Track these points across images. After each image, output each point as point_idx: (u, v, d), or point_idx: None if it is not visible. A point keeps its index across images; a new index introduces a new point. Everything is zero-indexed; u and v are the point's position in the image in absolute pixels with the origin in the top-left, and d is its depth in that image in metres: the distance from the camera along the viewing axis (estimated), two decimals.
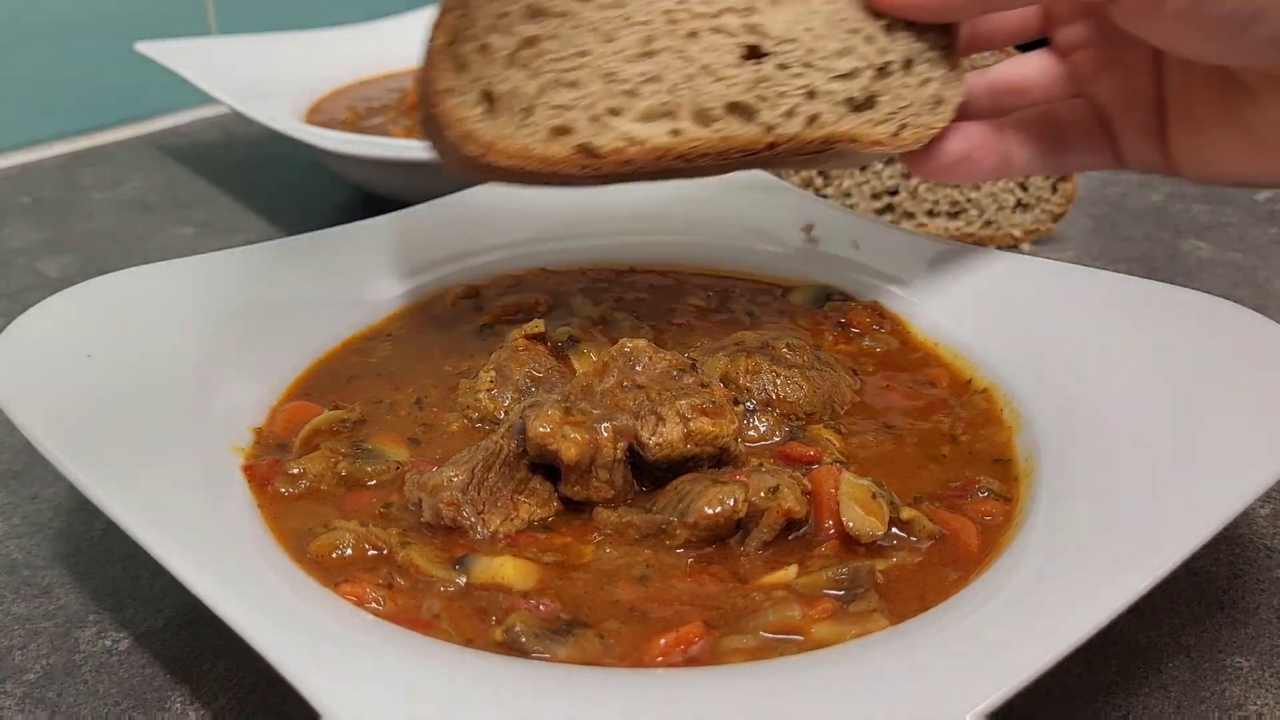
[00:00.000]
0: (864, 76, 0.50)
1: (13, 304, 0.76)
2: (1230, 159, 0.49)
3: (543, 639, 0.37)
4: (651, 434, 0.45)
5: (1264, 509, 0.52)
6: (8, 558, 0.50)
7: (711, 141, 0.47)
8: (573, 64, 0.46)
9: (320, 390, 0.55)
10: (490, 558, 0.42)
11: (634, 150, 0.46)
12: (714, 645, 0.38)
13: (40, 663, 0.43)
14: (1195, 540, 0.37)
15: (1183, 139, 0.50)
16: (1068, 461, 0.46)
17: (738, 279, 0.67)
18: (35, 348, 0.48)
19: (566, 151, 0.46)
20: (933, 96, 0.51)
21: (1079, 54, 0.53)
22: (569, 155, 0.46)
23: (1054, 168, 0.55)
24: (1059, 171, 0.57)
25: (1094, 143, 0.54)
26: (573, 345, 0.56)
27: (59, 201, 0.97)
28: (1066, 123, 0.54)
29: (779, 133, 0.48)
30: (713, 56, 0.47)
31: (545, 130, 0.46)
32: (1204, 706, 0.41)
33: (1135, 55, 0.51)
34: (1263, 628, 0.45)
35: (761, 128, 0.48)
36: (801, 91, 0.48)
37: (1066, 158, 0.54)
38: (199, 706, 0.41)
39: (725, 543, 0.43)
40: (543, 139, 0.46)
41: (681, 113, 0.47)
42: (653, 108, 0.47)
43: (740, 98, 0.48)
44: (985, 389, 0.54)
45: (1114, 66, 0.52)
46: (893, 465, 0.49)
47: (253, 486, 0.47)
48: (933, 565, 0.42)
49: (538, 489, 0.45)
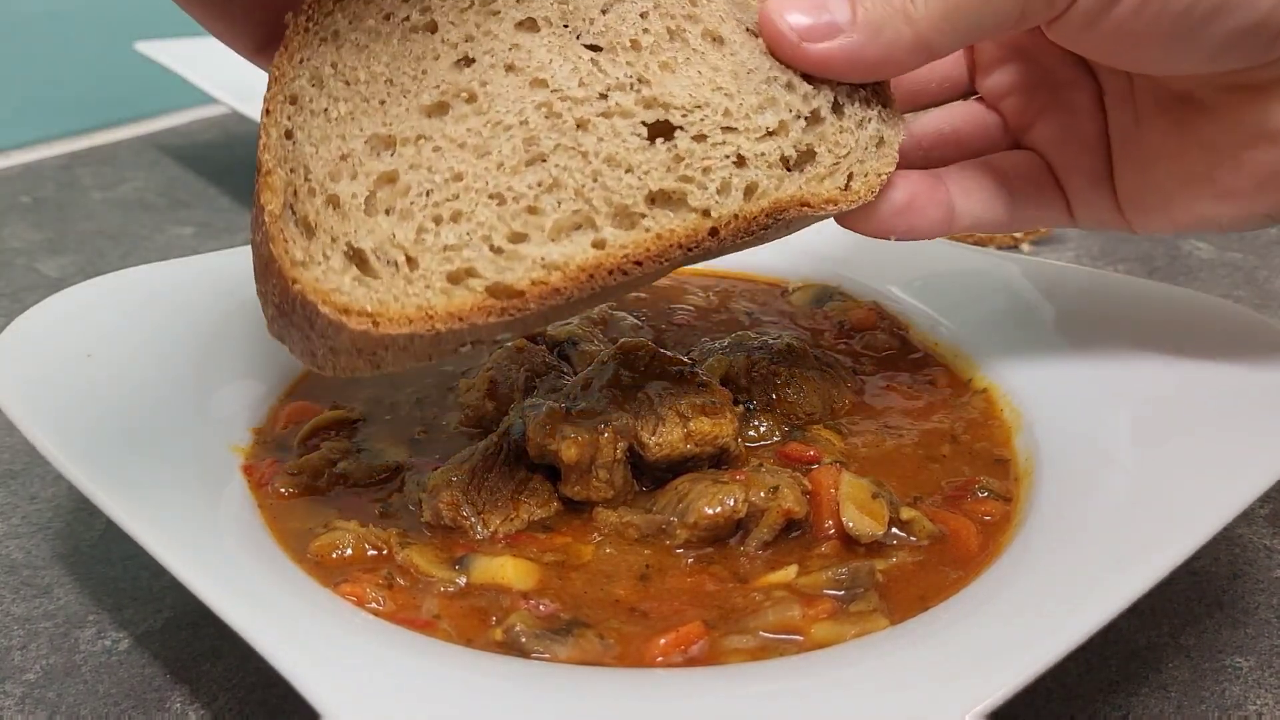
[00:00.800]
0: (794, 129, 0.42)
1: (12, 304, 0.76)
2: (1185, 197, 0.44)
3: (543, 639, 0.37)
4: (651, 434, 0.45)
5: (1263, 509, 0.52)
6: (7, 558, 0.50)
7: (645, 243, 0.39)
8: (448, 193, 0.38)
9: (320, 390, 0.55)
10: (490, 558, 0.42)
11: (558, 278, 0.38)
12: (714, 645, 0.38)
13: (40, 663, 0.43)
14: (1195, 540, 0.37)
15: (1133, 179, 0.46)
16: (1067, 461, 0.46)
17: (738, 279, 0.67)
18: (35, 348, 0.48)
19: (477, 299, 0.37)
20: (873, 137, 0.44)
21: (1010, 100, 0.49)
22: (481, 303, 0.37)
23: (1005, 221, 0.48)
24: (1012, 227, 0.49)
25: (1043, 194, 0.48)
26: (572, 345, 0.56)
27: (59, 201, 0.97)
28: (1011, 174, 0.48)
29: (718, 215, 0.40)
30: (614, 145, 0.40)
31: (441, 278, 0.37)
32: (1204, 706, 0.41)
33: (1073, 95, 0.47)
34: (1262, 628, 0.45)
35: (697, 214, 0.40)
36: (728, 161, 0.41)
37: (1016, 211, 0.48)
38: (199, 706, 0.41)
39: (725, 543, 0.43)
40: (441, 289, 0.37)
41: (599, 218, 0.39)
42: (562, 220, 0.39)
43: (661, 184, 0.40)
44: (985, 389, 0.54)
45: (1051, 110, 0.48)
46: (893, 465, 0.49)
47: (252, 487, 0.47)
48: (933, 565, 0.42)
49: (538, 489, 0.45)
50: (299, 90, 0.38)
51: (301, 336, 0.38)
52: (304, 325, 0.37)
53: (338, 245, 0.37)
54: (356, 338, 0.36)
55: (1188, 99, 0.41)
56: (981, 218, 0.47)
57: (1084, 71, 0.45)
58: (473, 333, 0.38)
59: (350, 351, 0.37)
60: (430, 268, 0.37)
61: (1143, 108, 0.43)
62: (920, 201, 0.45)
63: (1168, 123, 0.42)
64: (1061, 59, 0.46)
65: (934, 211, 0.46)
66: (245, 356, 0.54)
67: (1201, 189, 0.43)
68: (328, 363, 0.38)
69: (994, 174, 0.48)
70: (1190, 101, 0.41)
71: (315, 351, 0.38)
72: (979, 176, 0.47)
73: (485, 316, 0.37)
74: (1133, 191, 0.45)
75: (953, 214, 0.46)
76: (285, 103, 0.38)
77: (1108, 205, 0.47)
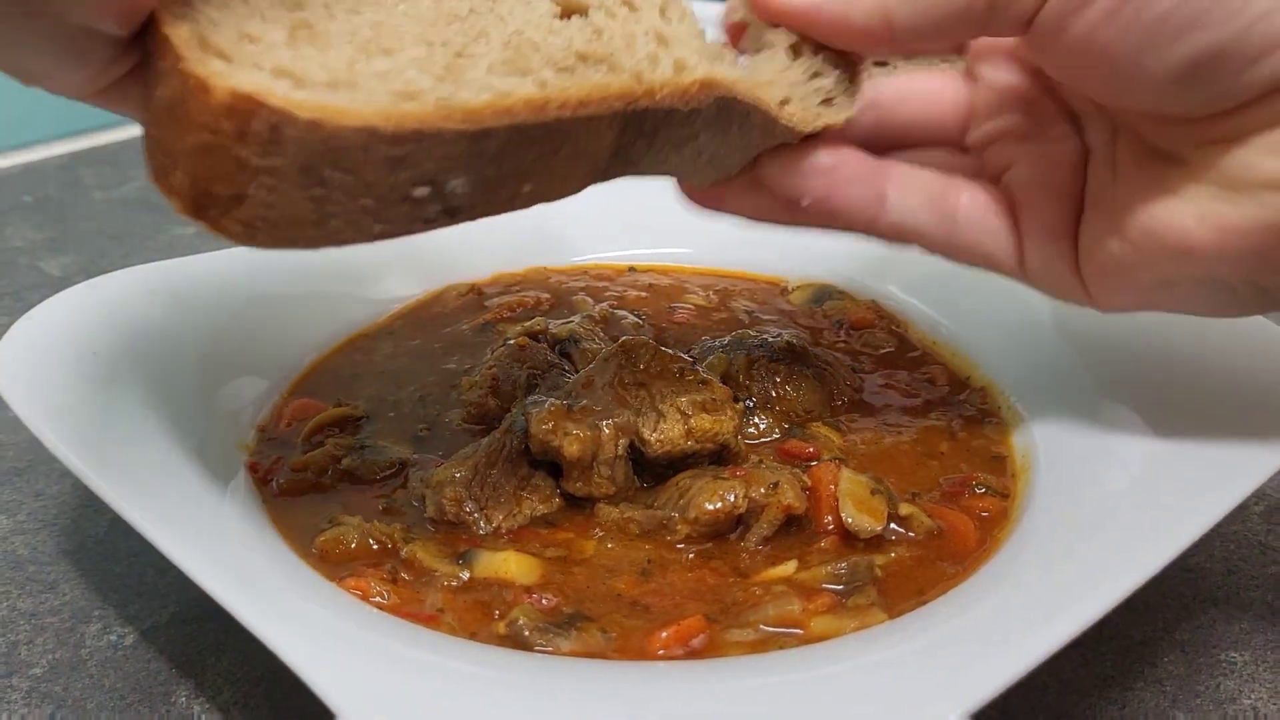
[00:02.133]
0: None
1: (16, 302, 0.76)
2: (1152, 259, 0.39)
3: (545, 632, 0.38)
4: (652, 431, 0.45)
5: (1258, 506, 0.52)
6: (13, 554, 0.50)
7: (586, 91, 0.35)
8: (372, 34, 0.34)
9: (324, 388, 0.55)
10: (493, 552, 0.42)
11: (509, 101, 0.33)
12: (714, 639, 0.38)
13: (46, 658, 0.44)
14: (1190, 536, 0.37)
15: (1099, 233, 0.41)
16: (1064, 458, 0.46)
17: (738, 278, 0.68)
18: (40, 345, 0.48)
19: (428, 109, 0.32)
20: (821, 91, 0.42)
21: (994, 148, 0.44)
22: (434, 112, 0.32)
23: (937, 236, 0.43)
24: (944, 247, 0.44)
25: (990, 225, 0.43)
26: (574, 343, 0.57)
27: (61, 201, 0.97)
28: (961, 189, 0.43)
29: (650, 80, 0.37)
30: (529, 15, 0.37)
31: (385, 94, 0.32)
32: (1199, 701, 0.41)
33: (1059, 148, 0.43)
34: (1257, 623, 0.45)
35: (630, 75, 0.37)
36: (649, 37, 0.38)
37: (955, 232, 0.43)
38: (204, 701, 0.41)
39: (726, 538, 0.44)
40: (389, 101, 0.32)
41: (534, 63, 0.35)
42: (497, 63, 0.35)
43: (586, 47, 0.37)
44: (983, 387, 0.55)
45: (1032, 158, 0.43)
46: (891, 462, 0.49)
47: (257, 483, 0.47)
48: (930, 560, 0.42)
49: (540, 485, 0.46)
50: None
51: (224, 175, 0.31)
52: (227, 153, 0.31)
53: (263, 68, 0.32)
54: (303, 139, 0.30)
55: (1169, 156, 0.38)
56: (911, 222, 0.43)
57: (1074, 130, 0.42)
58: (431, 153, 0.32)
59: (291, 177, 0.31)
60: (371, 85, 0.32)
61: (1122, 164, 0.40)
62: (849, 171, 0.42)
63: (1144, 176, 0.39)
64: (1056, 114, 0.43)
65: (859, 189, 0.42)
66: (249, 354, 0.55)
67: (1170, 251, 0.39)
68: (261, 214, 0.32)
69: (941, 184, 0.43)
70: (1170, 158, 0.38)
71: (247, 196, 0.31)
72: (925, 178, 0.43)
73: (444, 122, 0.32)
74: (1096, 250, 0.41)
75: (882, 204, 0.42)
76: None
77: (1063, 259, 0.42)
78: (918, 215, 0.43)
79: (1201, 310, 0.42)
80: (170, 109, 0.32)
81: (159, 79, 0.32)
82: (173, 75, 0.31)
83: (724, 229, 0.70)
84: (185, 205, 0.32)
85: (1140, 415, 0.47)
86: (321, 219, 0.32)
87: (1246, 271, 0.38)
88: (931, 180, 0.43)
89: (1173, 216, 0.38)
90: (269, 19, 0.33)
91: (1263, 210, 0.36)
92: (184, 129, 0.31)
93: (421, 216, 0.34)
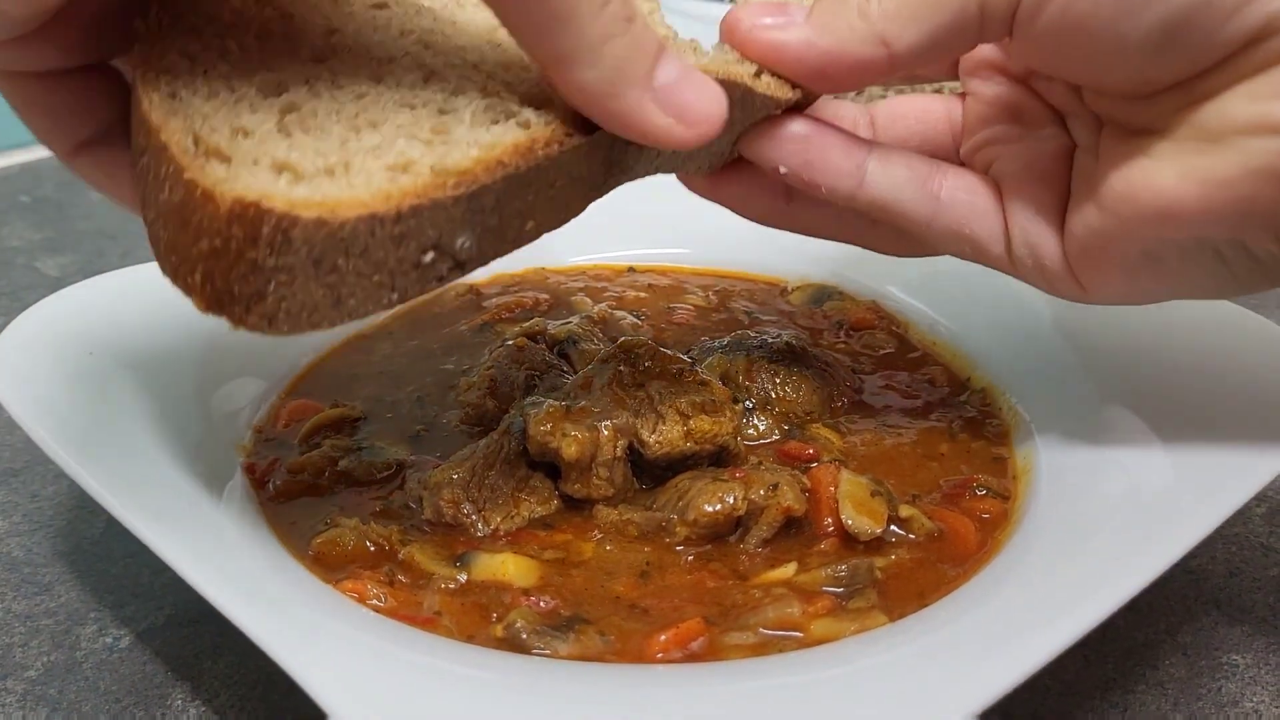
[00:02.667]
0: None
1: (13, 302, 0.76)
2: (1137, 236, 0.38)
3: (544, 635, 0.38)
4: (651, 432, 0.45)
5: (1260, 508, 0.52)
6: (8, 555, 0.50)
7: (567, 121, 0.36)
8: (358, 108, 0.35)
9: (321, 388, 0.55)
10: (491, 555, 0.42)
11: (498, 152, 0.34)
12: (714, 642, 0.38)
13: (41, 660, 0.44)
14: (1192, 538, 0.37)
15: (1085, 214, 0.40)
16: (1065, 460, 0.46)
17: (737, 278, 0.68)
18: (36, 346, 0.48)
19: (424, 178, 0.33)
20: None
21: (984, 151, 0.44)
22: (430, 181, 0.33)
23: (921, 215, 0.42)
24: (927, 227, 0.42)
25: (975, 207, 0.42)
26: (573, 344, 0.57)
27: (59, 200, 0.97)
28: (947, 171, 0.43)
29: None
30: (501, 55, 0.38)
31: (381, 170, 0.33)
32: (1201, 703, 0.41)
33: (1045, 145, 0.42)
34: (1259, 625, 0.45)
35: None
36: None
37: (939, 212, 0.42)
38: (200, 703, 0.41)
39: (725, 540, 0.44)
40: (387, 177, 0.33)
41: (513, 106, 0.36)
42: (479, 111, 0.36)
43: None
44: (983, 388, 0.54)
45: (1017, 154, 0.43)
46: (891, 463, 0.49)
47: (254, 484, 0.47)
48: (931, 562, 0.42)
49: (538, 487, 0.45)
50: (171, 64, 0.35)
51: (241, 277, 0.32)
52: (242, 257, 0.31)
53: (261, 164, 0.33)
54: (311, 237, 0.31)
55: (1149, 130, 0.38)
56: (894, 196, 0.41)
57: (1060, 130, 0.43)
58: (433, 221, 0.33)
59: (305, 270, 0.32)
60: (367, 165, 0.33)
61: (1105, 148, 0.40)
62: (828, 139, 0.41)
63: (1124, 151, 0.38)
64: (1042, 116, 0.43)
65: (839, 158, 0.41)
66: (246, 355, 0.54)
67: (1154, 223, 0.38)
68: (280, 307, 0.33)
69: (926, 164, 0.42)
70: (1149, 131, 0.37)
71: (266, 294, 0.32)
72: (909, 155, 0.42)
73: (439, 191, 0.33)
74: (1079, 228, 0.40)
75: (862, 176, 0.41)
76: (161, 74, 0.35)
77: (1050, 243, 0.41)
78: (901, 190, 0.42)
79: (1194, 290, 0.40)
80: (179, 214, 0.33)
81: (160, 183, 0.33)
82: (176, 183, 0.32)
83: (723, 229, 0.70)
84: (206, 303, 0.33)
85: (1141, 417, 0.46)
86: (338, 301, 0.33)
87: (1233, 229, 0.37)
88: (916, 158, 0.43)
89: (1152, 178, 0.37)
90: (257, 108, 0.34)
91: (1243, 156, 0.35)
92: (195, 235, 0.32)
93: (433, 276, 0.35)
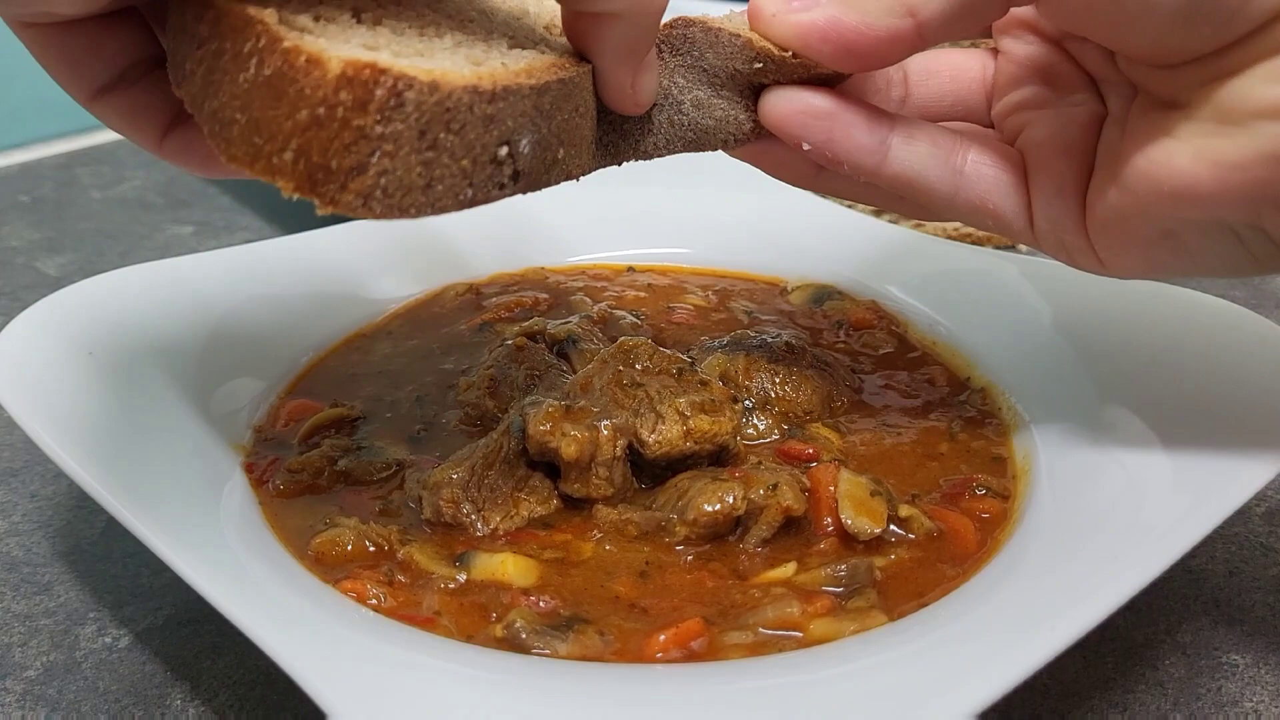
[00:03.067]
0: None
1: (12, 302, 0.76)
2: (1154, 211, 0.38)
3: (543, 635, 0.38)
4: (651, 432, 0.45)
5: (1259, 508, 0.52)
6: (8, 555, 0.50)
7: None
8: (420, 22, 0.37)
9: (321, 388, 0.55)
10: (490, 554, 0.42)
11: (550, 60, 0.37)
12: (713, 641, 0.38)
13: (40, 660, 0.44)
14: (1191, 538, 0.37)
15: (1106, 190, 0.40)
16: (1064, 459, 0.46)
17: (737, 278, 0.68)
18: (35, 345, 0.48)
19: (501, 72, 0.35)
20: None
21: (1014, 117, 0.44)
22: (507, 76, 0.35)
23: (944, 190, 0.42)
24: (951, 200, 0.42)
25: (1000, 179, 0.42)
26: (572, 344, 0.57)
27: (58, 200, 0.97)
28: (974, 141, 0.43)
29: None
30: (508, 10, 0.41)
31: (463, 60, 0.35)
32: (1200, 703, 0.41)
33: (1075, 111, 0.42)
34: (1258, 625, 0.45)
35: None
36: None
37: (962, 185, 0.42)
38: (199, 703, 0.41)
39: (724, 540, 0.43)
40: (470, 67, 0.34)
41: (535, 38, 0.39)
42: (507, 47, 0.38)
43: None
44: (983, 388, 0.54)
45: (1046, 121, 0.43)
46: (891, 463, 0.49)
47: (253, 484, 0.47)
48: (930, 562, 0.42)
49: (538, 486, 0.45)
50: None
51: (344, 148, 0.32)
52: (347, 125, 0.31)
53: (352, 43, 0.33)
54: (423, 102, 0.32)
55: (1171, 103, 0.38)
56: (917, 170, 0.42)
57: (1093, 95, 0.43)
58: (512, 110, 0.35)
59: (410, 141, 0.32)
60: (446, 60, 0.34)
61: (1132, 120, 0.40)
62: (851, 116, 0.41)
63: (1147, 126, 0.39)
64: (1075, 80, 0.43)
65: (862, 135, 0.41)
66: (245, 354, 0.54)
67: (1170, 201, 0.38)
68: (379, 183, 0.33)
69: (950, 137, 0.43)
70: (1172, 105, 0.39)
71: (368, 166, 0.32)
72: (933, 129, 0.42)
73: (516, 78, 0.35)
74: (1099, 204, 0.40)
75: (885, 152, 0.41)
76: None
77: (1071, 218, 0.42)
78: (924, 164, 0.42)
79: (1213, 268, 0.40)
80: (270, 89, 0.32)
81: (240, 62, 0.32)
82: (268, 55, 0.32)
83: (723, 229, 0.70)
84: (296, 184, 0.32)
85: (1141, 417, 0.46)
86: (429, 184, 0.33)
87: (1247, 212, 0.36)
88: (940, 132, 0.43)
89: (1169, 157, 0.37)
90: (332, 3, 0.35)
91: (1258, 140, 0.35)
92: (292, 106, 0.31)
93: (498, 181, 0.36)
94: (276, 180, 0.33)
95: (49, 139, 1.12)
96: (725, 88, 0.43)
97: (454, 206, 0.35)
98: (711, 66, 0.42)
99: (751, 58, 0.41)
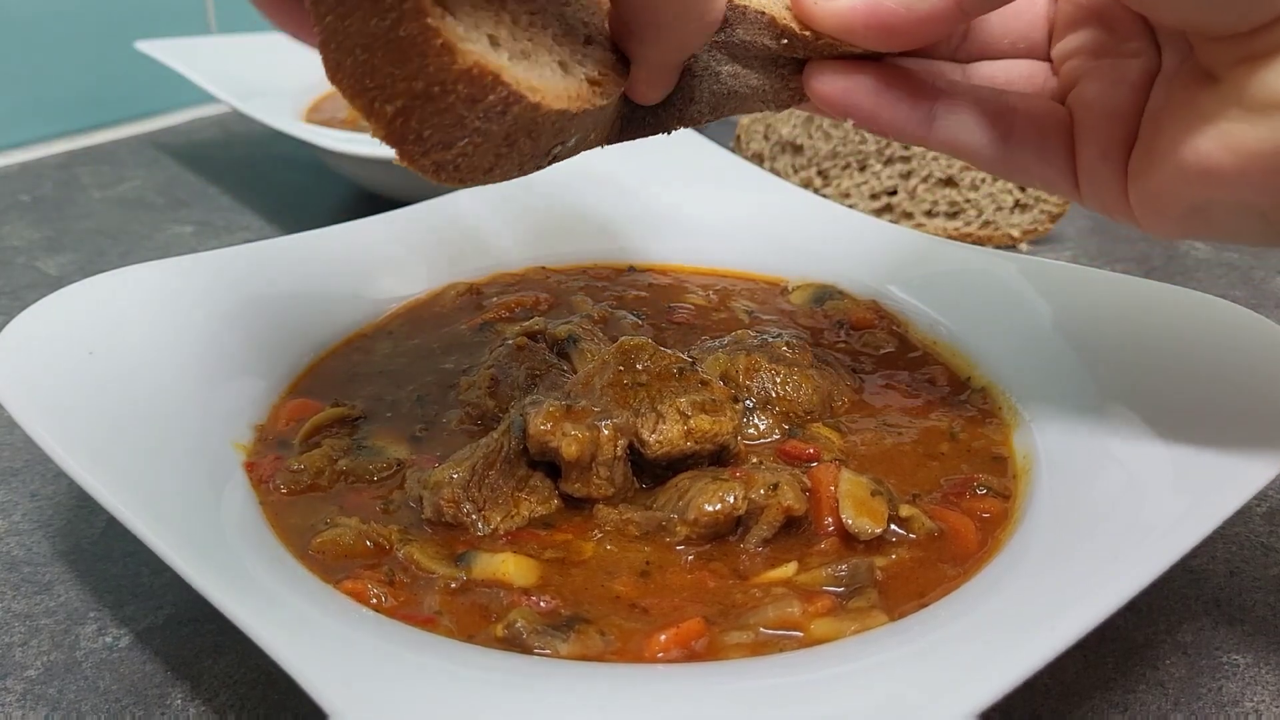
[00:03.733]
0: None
1: (13, 302, 0.76)
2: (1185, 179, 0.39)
3: (544, 635, 0.37)
4: (651, 431, 0.45)
5: (1260, 507, 0.52)
6: (8, 555, 0.50)
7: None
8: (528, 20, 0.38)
9: (321, 388, 0.55)
10: (491, 554, 0.42)
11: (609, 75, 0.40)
12: (714, 641, 0.38)
13: (41, 659, 0.44)
14: (1192, 538, 0.37)
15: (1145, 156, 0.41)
16: (1065, 459, 0.46)
17: (737, 278, 0.68)
18: (36, 345, 0.48)
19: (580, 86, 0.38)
20: None
21: (1071, 63, 0.45)
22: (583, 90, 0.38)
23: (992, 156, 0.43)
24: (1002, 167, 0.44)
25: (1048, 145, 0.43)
26: (573, 343, 0.57)
27: (59, 200, 0.97)
28: (1020, 110, 0.43)
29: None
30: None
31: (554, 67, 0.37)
32: (1201, 703, 0.41)
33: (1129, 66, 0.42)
34: (1259, 625, 0.45)
35: None
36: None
37: (1010, 152, 0.43)
38: (199, 703, 0.41)
39: (725, 539, 0.43)
40: (560, 77, 0.37)
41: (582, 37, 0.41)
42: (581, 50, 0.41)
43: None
44: (984, 387, 0.54)
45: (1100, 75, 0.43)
46: (892, 463, 0.49)
47: (254, 483, 0.47)
48: (931, 562, 0.42)
49: (538, 486, 0.45)
50: None
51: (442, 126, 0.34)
52: (452, 111, 0.34)
53: (481, 30, 0.35)
54: (520, 116, 0.35)
55: (1209, 76, 0.38)
56: (965, 138, 0.43)
57: (1150, 46, 0.42)
58: (580, 123, 0.39)
59: (496, 139, 0.35)
60: (542, 58, 0.37)
61: (1177, 85, 0.40)
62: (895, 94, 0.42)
63: (1185, 98, 0.39)
64: (1134, 28, 0.43)
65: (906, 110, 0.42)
66: (246, 354, 0.54)
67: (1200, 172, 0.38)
68: (456, 162, 0.36)
69: (995, 102, 0.43)
70: (1209, 78, 0.39)
71: (453, 146, 0.35)
72: (977, 95, 0.43)
73: (591, 98, 0.38)
74: (1137, 176, 0.41)
75: (931, 122, 0.43)
76: None
77: (1115, 184, 0.42)
78: (971, 134, 0.43)
79: (1243, 239, 0.41)
80: (398, 48, 0.33)
81: (380, 10, 0.33)
82: (409, 19, 0.32)
83: (723, 229, 0.70)
84: (386, 133, 0.35)
85: (1142, 416, 0.46)
86: (492, 168, 0.37)
87: (1272, 197, 0.37)
88: (985, 98, 0.43)
89: (1197, 140, 0.37)
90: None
91: (1277, 132, 0.35)
92: (413, 72, 0.33)
93: (539, 164, 0.40)
94: (370, 120, 0.35)
95: (49, 139, 1.12)
96: (758, 59, 0.44)
97: (501, 180, 0.38)
98: (741, 41, 0.43)
99: (778, 34, 0.42)
